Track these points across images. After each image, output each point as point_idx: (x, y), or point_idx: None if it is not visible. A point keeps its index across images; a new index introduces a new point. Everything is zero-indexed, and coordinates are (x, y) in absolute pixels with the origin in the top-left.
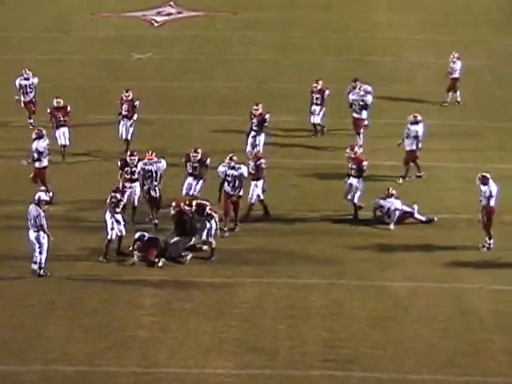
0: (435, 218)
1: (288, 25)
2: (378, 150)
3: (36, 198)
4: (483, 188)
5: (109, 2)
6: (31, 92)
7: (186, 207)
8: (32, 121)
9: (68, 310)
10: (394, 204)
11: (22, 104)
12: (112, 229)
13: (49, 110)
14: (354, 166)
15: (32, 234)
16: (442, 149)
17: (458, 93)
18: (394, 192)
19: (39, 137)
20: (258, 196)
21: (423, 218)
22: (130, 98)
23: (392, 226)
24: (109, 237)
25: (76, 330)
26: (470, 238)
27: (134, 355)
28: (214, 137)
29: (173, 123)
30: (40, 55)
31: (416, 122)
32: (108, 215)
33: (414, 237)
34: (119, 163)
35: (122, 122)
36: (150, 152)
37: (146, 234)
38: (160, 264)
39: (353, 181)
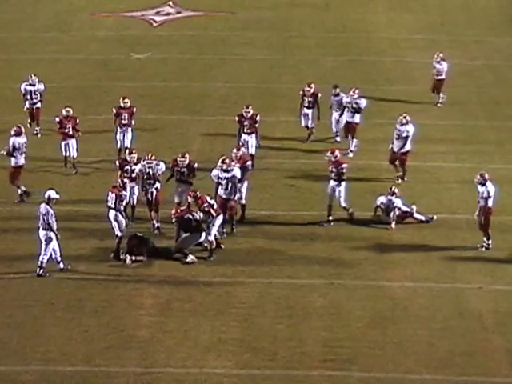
0: (435, 217)
1: (287, 25)
2: (377, 151)
3: (46, 196)
4: (481, 189)
5: (108, 2)
6: (36, 98)
7: (189, 197)
8: (37, 129)
9: (67, 310)
10: (395, 202)
11: (25, 109)
12: (120, 226)
13: (58, 119)
14: (333, 170)
15: (41, 233)
16: (442, 149)
17: (442, 95)
18: (396, 191)
19: (17, 133)
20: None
21: (422, 218)
22: (128, 105)
23: (393, 225)
24: (120, 234)
25: (75, 330)
26: (470, 238)
27: (133, 355)
28: (212, 137)
29: (172, 123)
30: (39, 55)
31: (406, 123)
32: (112, 214)
33: (412, 237)
34: (117, 163)
35: (119, 131)
36: (150, 155)
37: (137, 234)
38: (127, 261)
39: (334, 185)
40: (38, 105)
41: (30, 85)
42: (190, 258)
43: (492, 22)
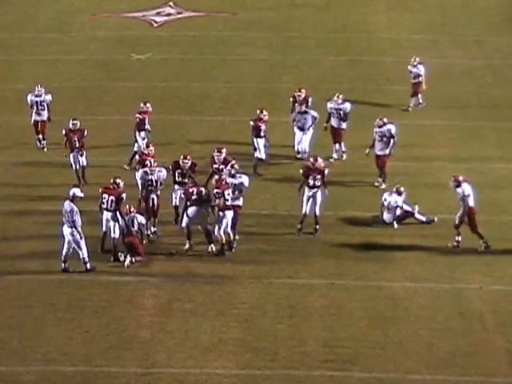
0: (435, 219)
1: (287, 25)
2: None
3: (70, 193)
4: (457, 190)
5: (108, 2)
6: (42, 110)
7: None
8: (43, 143)
9: (68, 311)
10: (396, 200)
11: (32, 122)
12: (115, 227)
13: (64, 132)
14: (317, 177)
15: (66, 230)
16: (441, 149)
17: (420, 98)
18: (402, 189)
19: None
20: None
21: (423, 219)
22: (150, 109)
23: (396, 225)
24: (114, 235)
25: (76, 330)
26: (469, 238)
27: (134, 355)
28: (213, 137)
29: (172, 124)
30: (40, 56)
31: (384, 124)
32: (107, 215)
33: (413, 237)
34: (138, 158)
35: (141, 135)
36: (152, 161)
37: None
38: (126, 263)
39: (314, 192)
40: (45, 117)
41: (37, 96)
42: (188, 245)
43: (492, 22)
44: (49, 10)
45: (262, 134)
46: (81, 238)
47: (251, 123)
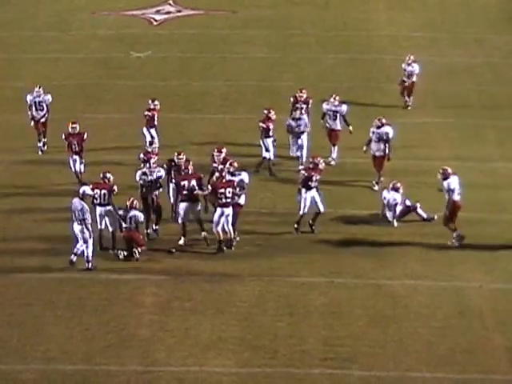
0: (435, 217)
1: (287, 23)
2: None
3: (80, 191)
4: (444, 183)
5: (108, 0)
6: (42, 110)
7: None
8: (41, 144)
9: (68, 309)
10: (395, 198)
11: (32, 123)
12: (112, 221)
13: (63, 136)
14: (318, 178)
15: (76, 227)
16: (441, 147)
17: (411, 98)
18: (398, 185)
19: None
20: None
21: (424, 215)
22: (158, 107)
23: (395, 223)
24: (112, 229)
25: (76, 328)
26: (469, 236)
27: (134, 354)
28: (213, 135)
29: (172, 122)
30: (40, 54)
31: (382, 125)
32: (101, 210)
33: (413, 235)
34: (142, 157)
35: (152, 132)
36: (152, 161)
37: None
38: (136, 256)
39: (315, 194)
40: (44, 118)
41: (36, 96)
42: (182, 240)
43: (491, 20)
44: (49, 9)
45: (270, 133)
46: (90, 236)
47: (261, 125)
